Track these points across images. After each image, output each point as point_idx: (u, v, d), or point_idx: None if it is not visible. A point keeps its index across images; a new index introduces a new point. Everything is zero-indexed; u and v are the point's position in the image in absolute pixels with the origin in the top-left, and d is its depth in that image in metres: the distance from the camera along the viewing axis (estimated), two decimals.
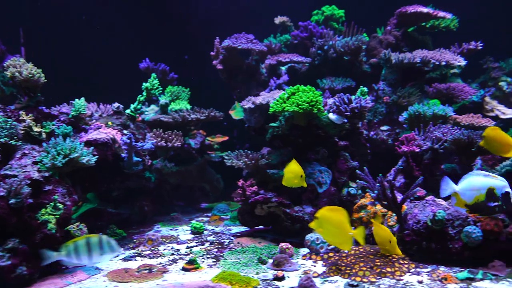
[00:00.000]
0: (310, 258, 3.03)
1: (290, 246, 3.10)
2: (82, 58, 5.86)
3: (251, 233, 3.81)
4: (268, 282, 2.60)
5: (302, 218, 3.45)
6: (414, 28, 5.28)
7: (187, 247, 3.44)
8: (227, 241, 3.60)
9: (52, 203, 2.74)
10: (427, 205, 2.94)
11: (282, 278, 2.62)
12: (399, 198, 2.95)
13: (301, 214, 3.47)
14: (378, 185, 2.89)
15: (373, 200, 3.15)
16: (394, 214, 3.01)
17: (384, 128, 4.48)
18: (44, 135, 3.19)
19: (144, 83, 4.44)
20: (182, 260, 3.10)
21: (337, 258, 2.87)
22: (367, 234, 3.16)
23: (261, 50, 4.83)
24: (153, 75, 4.49)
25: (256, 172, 3.72)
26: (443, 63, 4.30)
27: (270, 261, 2.95)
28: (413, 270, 2.67)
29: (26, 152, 2.97)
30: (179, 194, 5.16)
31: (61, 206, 2.77)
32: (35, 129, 3.13)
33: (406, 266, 2.71)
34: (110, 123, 3.98)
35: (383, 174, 3.02)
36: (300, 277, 2.57)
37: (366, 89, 4.03)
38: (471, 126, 3.91)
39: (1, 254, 2.50)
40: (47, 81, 3.43)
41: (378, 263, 2.68)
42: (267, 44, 5.20)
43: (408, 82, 4.65)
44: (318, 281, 2.58)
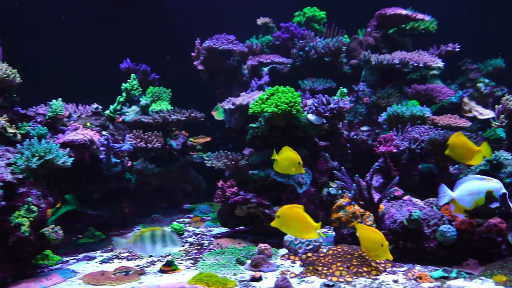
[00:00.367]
0: (289, 259, 3.03)
1: (268, 246, 3.09)
2: (65, 58, 5.81)
3: (232, 234, 3.80)
4: (245, 283, 2.59)
5: None
6: (394, 30, 5.35)
7: None
8: (207, 242, 3.59)
9: (26, 206, 2.69)
10: (404, 204, 2.97)
11: (259, 279, 2.62)
12: (376, 198, 2.98)
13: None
14: (355, 185, 2.91)
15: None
16: (372, 214, 3.04)
17: (364, 128, 4.52)
18: (19, 137, 3.13)
19: (123, 84, 4.40)
20: (160, 262, 3.08)
21: (315, 258, 2.88)
22: (346, 234, 3.19)
23: (242, 51, 4.84)
24: (132, 76, 4.45)
25: (236, 173, 3.72)
26: (421, 65, 4.36)
27: (249, 262, 2.94)
28: (389, 270, 2.70)
29: (0, 153, 2.92)
30: (161, 195, 5.10)
31: (35, 209, 2.72)
32: (10, 130, 3.07)
33: (383, 265, 2.73)
34: (88, 124, 3.93)
35: (363, 174, 3.04)
36: (277, 277, 2.57)
37: (346, 90, 4.06)
38: (449, 127, 3.98)
39: None
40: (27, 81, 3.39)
41: (355, 263, 2.70)
42: (248, 45, 5.21)
43: (388, 83, 4.70)
44: (295, 281, 2.59)
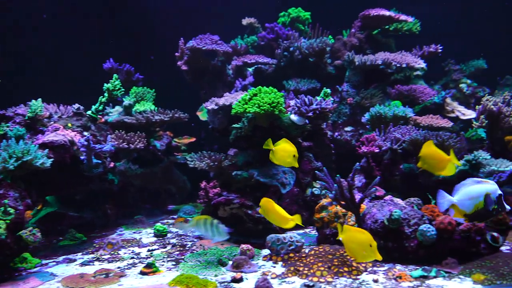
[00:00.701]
0: (271, 259, 3.03)
1: (250, 247, 3.08)
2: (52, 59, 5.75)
3: None
4: (225, 284, 2.58)
5: (264, 219, 3.44)
6: (378, 30, 5.38)
7: (148, 250, 3.39)
8: (190, 243, 3.56)
9: (2, 208, 2.64)
10: (385, 204, 2.99)
11: (240, 280, 2.61)
12: (358, 198, 2.99)
13: (262, 215, 3.46)
14: (336, 185, 2.92)
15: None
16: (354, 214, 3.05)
17: (348, 129, 4.54)
18: None
19: (105, 84, 4.36)
20: (142, 263, 3.05)
21: (296, 258, 2.88)
22: (328, 234, 3.20)
23: (226, 51, 4.82)
24: (114, 76, 4.41)
25: (219, 173, 3.70)
26: (404, 65, 4.39)
27: (230, 262, 2.93)
28: (370, 269, 2.71)
29: None
30: (145, 196, 5.06)
31: (12, 211, 2.67)
32: None
33: (363, 265, 2.74)
34: (69, 125, 3.87)
35: (347, 175, 3.05)
36: (258, 278, 2.56)
37: (329, 90, 4.07)
38: (430, 127, 4.01)
39: None
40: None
41: (336, 263, 2.71)
42: (233, 45, 5.19)
43: (371, 83, 4.73)
44: (275, 282, 2.58)
